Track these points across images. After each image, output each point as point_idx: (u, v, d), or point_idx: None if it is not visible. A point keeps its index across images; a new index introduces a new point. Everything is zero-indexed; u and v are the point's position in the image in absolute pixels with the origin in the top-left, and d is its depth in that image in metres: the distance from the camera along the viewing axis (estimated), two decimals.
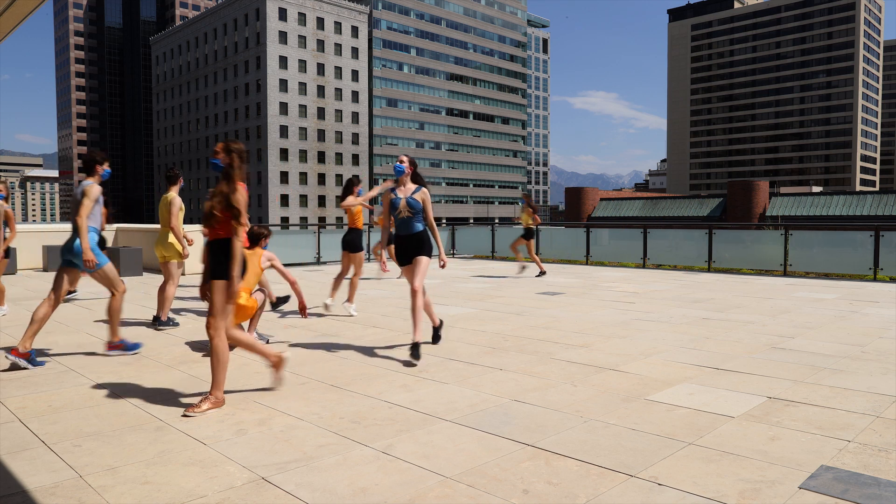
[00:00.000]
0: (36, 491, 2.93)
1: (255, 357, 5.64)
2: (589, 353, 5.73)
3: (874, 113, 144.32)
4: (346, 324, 7.33)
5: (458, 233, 19.81)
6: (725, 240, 14.56)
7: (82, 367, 5.28)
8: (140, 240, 14.91)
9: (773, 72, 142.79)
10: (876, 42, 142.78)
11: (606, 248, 16.65)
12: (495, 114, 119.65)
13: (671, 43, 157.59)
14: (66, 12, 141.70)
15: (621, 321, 7.45)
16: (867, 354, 5.63)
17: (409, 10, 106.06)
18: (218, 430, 3.74)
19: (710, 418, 3.91)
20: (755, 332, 6.69)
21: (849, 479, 3.01)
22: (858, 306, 8.55)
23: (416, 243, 5.76)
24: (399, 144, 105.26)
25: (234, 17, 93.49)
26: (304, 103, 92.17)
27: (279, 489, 2.94)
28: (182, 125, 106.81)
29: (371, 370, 5.16)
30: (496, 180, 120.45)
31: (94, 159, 5.82)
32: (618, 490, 2.92)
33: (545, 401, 4.30)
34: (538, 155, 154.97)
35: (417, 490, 2.93)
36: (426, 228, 5.85)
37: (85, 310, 8.48)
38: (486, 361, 5.45)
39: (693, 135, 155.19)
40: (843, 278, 12.33)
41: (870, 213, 47.67)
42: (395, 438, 3.59)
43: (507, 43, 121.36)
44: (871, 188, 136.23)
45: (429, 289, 10.75)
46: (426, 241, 5.79)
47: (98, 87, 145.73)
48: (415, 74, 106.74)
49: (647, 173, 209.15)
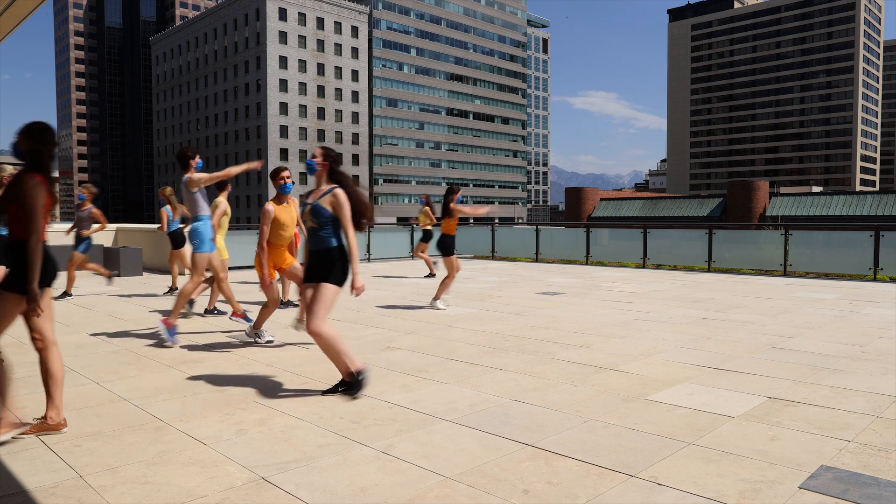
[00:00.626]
0: (36, 491, 2.93)
1: (256, 357, 5.64)
2: (589, 353, 5.73)
3: (874, 113, 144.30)
4: (345, 324, 7.33)
5: (458, 233, 19.79)
6: (725, 240, 14.56)
7: (82, 367, 5.28)
8: (140, 240, 14.90)
9: (773, 72, 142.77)
10: (876, 42, 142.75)
11: (606, 248, 16.66)
12: (495, 114, 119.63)
13: (671, 43, 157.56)
14: (66, 12, 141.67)
15: (621, 321, 7.45)
16: (867, 354, 5.63)
17: (409, 10, 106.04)
18: (218, 430, 3.74)
19: (710, 418, 3.91)
20: (755, 332, 6.69)
21: (849, 479, 3.01)
22: (858, 306, 8.55)
23: (322, 264, 4.43)
24: (399, 144, 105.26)
25: (234, 17, 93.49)
26: (304, 103, 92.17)
27: (279, 489, 2.94)
28: (182, 125, 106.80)
29: (371, 370, 5.16)
30: (496, 180, 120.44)
31: (185, 154, 6.46)
32: (618, 490, 2.92)
33: (545, 401, 4.30)
34: (538, 155, 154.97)
35: (417, 490, 2.93)
36: (341, 245, 4.48)
37: (86, 309, 8.47)
38: (486, 361, 5.45)
39: (693, 135, 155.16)
40: (843, 278, 12.33)
41: (870, 213, 47.67)
42: (395, 438, 3.59)
43: (507, 43, 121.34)
44: (871, 188, 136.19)
45: (429, 288, 10.74)
46: (336, 263, 4.42)
47: (98, 87, 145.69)
48: (415, 74, 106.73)
49: (647, 173, 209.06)
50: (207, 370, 5.17)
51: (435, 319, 7.61)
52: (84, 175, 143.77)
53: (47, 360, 3.69)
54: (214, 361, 5.48)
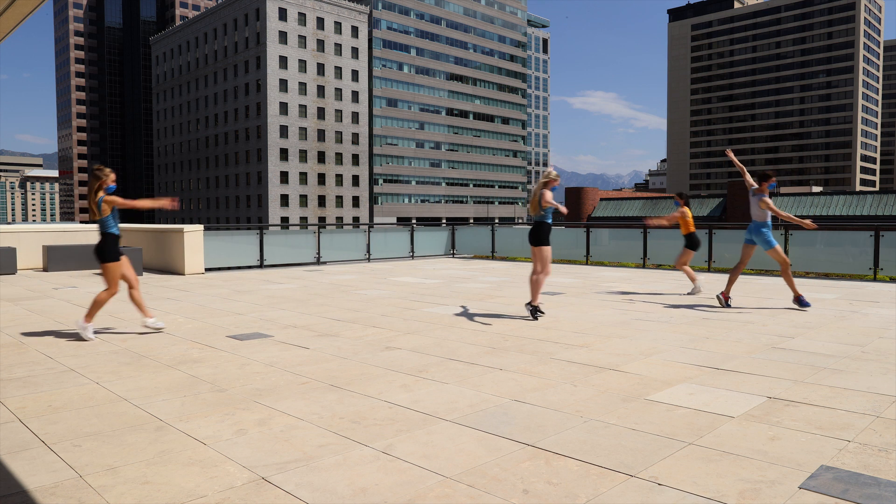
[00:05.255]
0: (36, 491, 2.93)
1: (256, 357, 5.64)
2: (589, 353, 5.73)
3: (874, 113, 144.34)
4: (345, 324, 7.33)
5: (458, 233, 19.81)
6: (725, 240, 14.55)
7: (82, 367, 5.28)
8: (140, 240, 14.91)
9: (773, 72, 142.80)
10: (876, 42, 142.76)
11: (606, 248, 16.65)
12: (495, 114, 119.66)
13: (671, 43, 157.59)
14: (66, 12, 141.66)
15: (621, 321, 7.45)
16: (867, 354, 5.63)
17: (409, 10, 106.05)
18: (218, 430, 3.74)
19: (710, 418, 3.91)
20: (755, 332, 6.69)
21: (849, 479, 3.01)
22: (858, 306, 8.55)
23: None
24: (399, 144, 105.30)
25: (234, 17, 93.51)
26: (304, 103, 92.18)
27: (279, 489, 2.94)
28: (182, 125, 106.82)
29: (371, 370, 5.16)
30: (496, 180, 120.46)
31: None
32: (618, 490, 2.92)
33: (545, 401, 4.30)
34: (538, 155, 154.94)
35: (417, 490, 2.93)
36: None
37: (85, 310, 8.46)
38: (486, 361, 5.45)
39: (693, 135, 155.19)
40: (843, 278, 12.33)
41: (870, 213, 47.65)
42: (395, 438, 3.59)
43: (507, 43, 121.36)
44: (871, 188, 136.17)
45: (429, 288, 10.75)
46: None
47: (98, 87, 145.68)
48: (415, 74, 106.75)
49: (647, 173, 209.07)
50: (207, 370, 5.17)
51: (435, 319, 7.61)
52: (84, 175, 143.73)
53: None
54: (214, 361, 5.48)
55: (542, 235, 7.73)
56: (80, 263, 13.96)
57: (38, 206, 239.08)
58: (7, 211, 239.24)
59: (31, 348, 6.04)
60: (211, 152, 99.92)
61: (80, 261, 13.97)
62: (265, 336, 6.58)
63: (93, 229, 15.68)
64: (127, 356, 5.70)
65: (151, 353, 5.81)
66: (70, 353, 5.83)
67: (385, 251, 17.93)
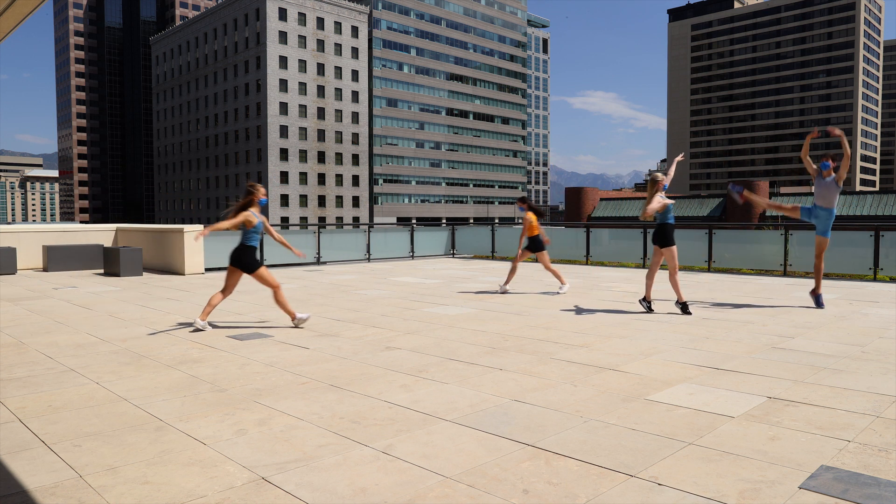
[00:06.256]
0: (36, 491, 2.93)
1: (256, 357, 5.64)
2: (589, 353, 5.73)
3: (874, 113, 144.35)
4: (345, 324, 7.33)
5: (458, 233, 19.81)
6: (725, 240, 14.55)
7: (82, 367, 5.28)
8: (140, 240, 14.91)
9: (773, 72, 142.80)
10: (876, 42, 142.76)
11: (606, 248, 16.64)
12: (495, 114, 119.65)
13: (671, 43, 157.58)
14: (66, 12, 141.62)
15: (621, 321, 7.45)
16: (867, 354, 5.63)
17: (409, 10, 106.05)
18: (218, 430, 3.74)
19: (710, 418, 3.91)
20: (755, 332, 6.69)
21: (849, 479, 3.01)
22: (858, 306, 8.55)
23: None
24: (399, 144, 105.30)
25: (234, 17, 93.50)
26: (304, 103, 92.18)
27: (279, 489, 2.94)
28: (182, 125, 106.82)
29: (371, 370, 5.16)
30: (496, 180, 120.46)
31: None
32: (618, 490, 2.92)
33: (545, 401, 4.30)
34: (538, 155, 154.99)
35: (417, 490, 2.93)
36: None
37: (86, 309, 8.47)
38: (486, 361, 5.45)
39: (693, 135, 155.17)
40: (843, 278, 12.33)
41: (870, 213, 47.65)
42: (395, 438, 3.59)
43: (507, 43, 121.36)
44: (871, 188, 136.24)
45: (429, 288, 10.75)
46: None
47: (98, 87, 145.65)
48: (415, 74, 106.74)
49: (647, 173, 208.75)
50: (207, 370, 5.17)
51: (435, 319, 7.61)
52: (84, 175, 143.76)
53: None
54: (214, 361, 5.48)
55: (666, 236, 8.05)
56: (80, 263, 13.96)
57: (38, 206, 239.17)
58: (7, 211, 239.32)
59: (31, 348, 6.04)
60: (211, 152, 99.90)
61: (80, 261, 13.97)
62: (265, 336, 6.59)
63: (92, 229, 15.68)
64: (127, 356, 5.70)
65: (151, 353, 5.81)
66: (70, 353, 5.83)
67: (385, 251, 17.93)
